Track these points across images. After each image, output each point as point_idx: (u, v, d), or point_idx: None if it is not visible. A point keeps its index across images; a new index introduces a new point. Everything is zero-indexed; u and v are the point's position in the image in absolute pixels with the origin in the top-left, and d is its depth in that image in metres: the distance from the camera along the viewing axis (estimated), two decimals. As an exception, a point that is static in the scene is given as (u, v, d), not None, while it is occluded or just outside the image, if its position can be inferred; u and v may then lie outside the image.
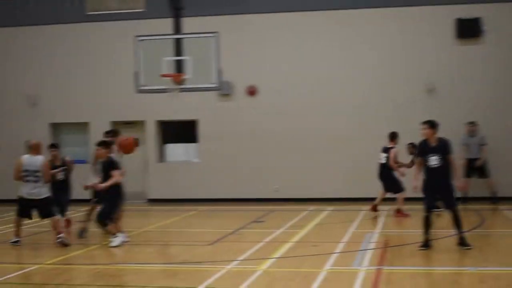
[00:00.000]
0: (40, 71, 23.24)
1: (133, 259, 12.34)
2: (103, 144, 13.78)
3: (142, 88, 17.35)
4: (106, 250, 13.28)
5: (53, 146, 15.75)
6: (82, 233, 14.72)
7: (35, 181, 13.58)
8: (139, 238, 14.60)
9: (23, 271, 11.23)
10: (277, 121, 21.86)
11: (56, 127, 23.54)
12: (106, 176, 13.48)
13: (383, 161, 17.51)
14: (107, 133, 15.42)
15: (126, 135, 15.38)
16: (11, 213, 15.86)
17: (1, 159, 21.95)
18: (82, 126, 23.20)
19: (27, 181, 13.57)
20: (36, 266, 11.48)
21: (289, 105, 21.81)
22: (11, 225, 14.52)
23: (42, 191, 13.70)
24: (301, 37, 21.89)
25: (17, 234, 13.84)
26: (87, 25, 22.92)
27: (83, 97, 22.91)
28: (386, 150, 17.52)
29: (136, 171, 21.32)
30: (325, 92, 21.73)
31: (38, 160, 13.68)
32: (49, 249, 13.36)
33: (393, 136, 17.54)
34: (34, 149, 13.82)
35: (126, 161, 15.31)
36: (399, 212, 17.19)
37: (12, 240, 13.75)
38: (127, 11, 22.65)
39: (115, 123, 22.53)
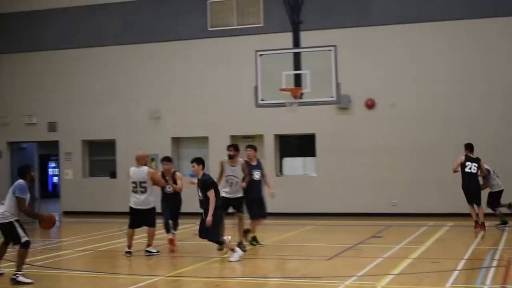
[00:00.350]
0: (162, 86, 23.93)
1: (252, 273, 12.43)
2: (196, 161, 13.71)
3: (261, 102, 17.47)
4: (225, 263, 13.46)
5: (166, 159, 15.53)
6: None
7: (142, 192, 13.98)
8: (257, 252, 14.71)
9: (144, 283, 11.49)
10: (395, 134, 21.61)
11: (177, 141, 24.13)
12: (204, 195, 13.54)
13: (474, 171, 17.32)
14: (230, 147, 15.40)
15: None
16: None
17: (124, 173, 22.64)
18: (202, 140, 23.67)
19: (135, 192, 14.00)
20: (156, 278, 11.74)
21: (407, 118, 21.53)
22: (144, 235, 14.82)
23: (148, 201, 14.09)
24: (419, 49, 21.62)
25: (129, 245, 14.25)
26: (208, 41, 23.44)
27: (203, 112, 23.40)
28: (475, 160, 17.36)
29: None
30: (443, 104, 21.33)
31: (143, 171, 14.09)
32: (168, 261, 13.66)
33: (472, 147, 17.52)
34: (139, 160, 14.24)
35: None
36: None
37: (126, 251, 14.21)
38: (247, 26, 23.03)
39: (234, 137, 22.89)
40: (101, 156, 25.27)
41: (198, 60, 23.61)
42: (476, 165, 17.45)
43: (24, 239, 11.67)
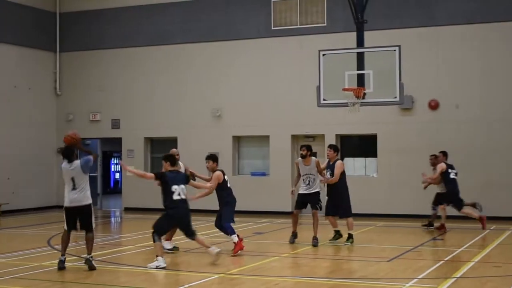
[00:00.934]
0: (224, 84, 24.09)
1: (312, 273, 12.43)
2: (211, 158, 14.81)
3: (323, 102, 17.44)
4: (284, 262, 13.50)
5: (209, 157, 15.15)
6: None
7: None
8: (317, 252, 14.70)
9: (203, 280, 11.56)
10: (459, 136, 21.33)
11: (238, 140, 24.25)
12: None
13: (456, 176, 18.08)
14: (302, 147, 15.69)
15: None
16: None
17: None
18: (263, 139, 23.74)
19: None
20: (216, 276, 11.82)
21: (471, 120, 21.25)
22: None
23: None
24: (484, 50, 21.36)
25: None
26: (272, 40, 23.50)
27: (264, 111, 23.48)
28: (453, 166, 18.03)
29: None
30: (509, 106, 20.96)
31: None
32: (229, 258, 13.73)
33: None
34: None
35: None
36: None
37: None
38: (310, 26, 23.02)
39: (295, 136, 22.91)
40: (162, 154, 25.42)
41: (261, 59, 23.70)
42: (455, 171, 17.96)
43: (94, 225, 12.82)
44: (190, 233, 13.00)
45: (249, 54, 23.91)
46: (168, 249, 14.37)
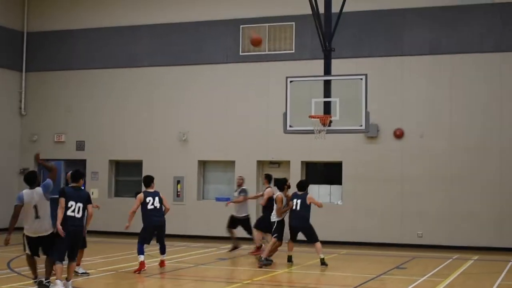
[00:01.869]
0: (191, 109, 24.06)
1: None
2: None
3: (290, 128, 17.49)
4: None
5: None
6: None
7: None
8: (279, 279, 14.64)
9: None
10: (423, 165, 21.51)
11: (204, 164, 24.18)
12: None
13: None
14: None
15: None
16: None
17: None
18: (229, 164, 23.71)
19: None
20: (238, 284, 11.69)
21: (435, 150, 21.45)
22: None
23: None
24: (449, 80, 21.62)
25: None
26: (240, 66, 23.56)
27: (230, 136, 23.47)
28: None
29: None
30: (473, 136, 21.24)
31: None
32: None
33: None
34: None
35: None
36: None
37: None
38: (278, 52, 23.14)
39: (261, 162, 22.92)
40: (127, 177, 25.41)
41: (228, 84, 23.74)
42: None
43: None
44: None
45: (217, 78, 23.92)
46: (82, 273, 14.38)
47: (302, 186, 17.14)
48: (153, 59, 24.83)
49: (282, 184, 17.09)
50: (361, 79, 17.10)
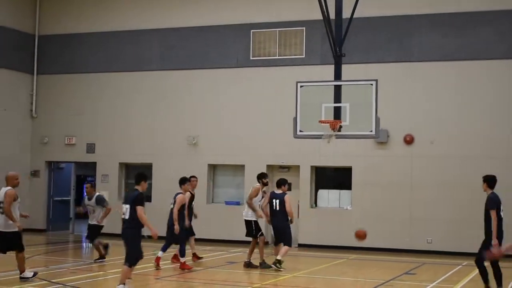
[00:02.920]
0: (201, 112, 24.08)
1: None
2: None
3: (300, 133, 17.51)
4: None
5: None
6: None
7: None
8: (288, 283, 14.64)
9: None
10: (433, 171, 21.47)
11: (213, 168, 24.21)
12: None
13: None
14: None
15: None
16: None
17: (159, 198, 22.76)
18: (238, 168, 23.73)
19: None
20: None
21: (445, 156, 21.40)
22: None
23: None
24: (459, 87, 21.57)
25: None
26: (250, 70, 23.60)
27: (240, 140, 23.50)
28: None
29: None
30: (482, 142, 21.17)
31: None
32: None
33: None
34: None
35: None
36: None
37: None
38: (288, 57, 23.16)
39: (271, 166, 22.94)
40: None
41: (238, 88, 23.76)
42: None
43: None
44: None
45: (227, 83, 23.96)
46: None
47: (279, 184, 16.80)
48: (163, 63, 24.88)
49: (261, 177, 17.22)
50: (371, 84, 17.12)
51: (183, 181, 16.76)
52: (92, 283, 14.39)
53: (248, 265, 16.51)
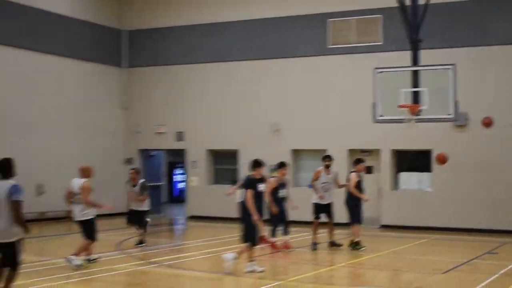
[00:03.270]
0: (283, 100, 24.16)
1: (368, 282, 12.36)
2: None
3: (379, 118, 17.41)
4: (341, 271, 13.48)
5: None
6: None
7: None
8: (372, 262, 14.62)
9: (266, 286, 11.59)
10: (510, 153, 20.99)
11: (296, 153, 24.26)
12: None
13: None
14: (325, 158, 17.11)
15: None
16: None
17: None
18: (321, 153, 23.70)
19: None
20: (278, 282, 11.81)
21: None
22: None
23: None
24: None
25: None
26: (328, 58, 23.51)
27: (321, 125, 23.48)
28: None
29: (370, 197, 21.27)
30: None
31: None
32: (289, 266, 13.72)
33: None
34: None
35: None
36: None
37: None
38: (366, 44, 22.96)
39: (351, 151, 22.86)
40: (224, 165, 25.73)
41: (318, 76, 23.72)
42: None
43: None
44: None
45: (306, 71, 23.93)
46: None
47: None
48: (244, 53, 25.03)
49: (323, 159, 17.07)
50: (449, 68, 16.88)
51: (281, 165, 16.64)
52: (185, 262, 14.68)
53: (333, 244, 16.52)
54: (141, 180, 17.12)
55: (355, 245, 16.05)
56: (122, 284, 11.53)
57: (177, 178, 33.61)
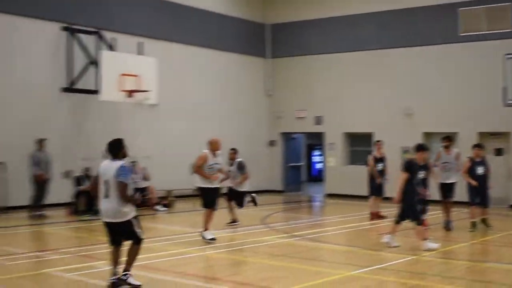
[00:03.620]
0: (415, 86, 23.82)
1: (502, 258, 12.05)
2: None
3: (509, 102, 16.86)
4: (472, 248, 13.25)
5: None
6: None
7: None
8: (503, 240, 14.23)
9: (405, 259, 11.62)
10: None
11: (427, 136, 23.84)
12: None
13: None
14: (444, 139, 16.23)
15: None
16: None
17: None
18: (452, 136, 23.17)
19: None
20: (410, 257, 11.81)
21: None
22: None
23: None
24: None
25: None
26: (459, 46, 22.89)
27: (452, 109, 22.97)
28: None
29: (499, 178, 20.64)
30: None
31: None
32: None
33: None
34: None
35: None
36: None
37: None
38: (496, 31, 22.17)
39: (481, 133, 22.22)
40: (359, 147, 25.69)
41: (450, 62, 23.16)
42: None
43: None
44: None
45: (438, 58, 23.42)
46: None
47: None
48: (381, 42, 24.78)
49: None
50: None
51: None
52: (325, 236, 14.88)
53: (447, 224, 15.84)
54: (238, 160, 16.34)
55: (473, 226, 15.40)
56: (268, 254, 11.90)
57: (315, 159, 33.89)
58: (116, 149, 9.07)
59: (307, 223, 17.60)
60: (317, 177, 32.08)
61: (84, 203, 18.24)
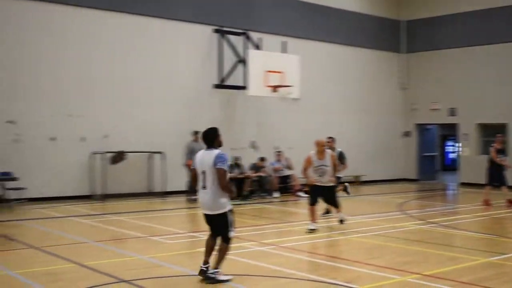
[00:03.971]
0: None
1: None
2: None
3: None
4: None
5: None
6: None
7: None
8: None
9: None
10: None
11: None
12: None
13: None
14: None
15: None
16: None
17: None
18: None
19: None
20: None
21: None
22: None
23: None
24: None
25: None
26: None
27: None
28: None
29: None
30: None
31: None
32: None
33: None
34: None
35: None
36: None
37: None
38: None
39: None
40: (492, 137, 24.46)
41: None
42: None
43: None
44: None
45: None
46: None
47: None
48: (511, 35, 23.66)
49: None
50: None
51: None
52: (460, 223, 14.37)
53: None
54: (339, 150, 15.28)
55: None
56: (403, 240, 11.68)
57: (448, 149, 32.79)
58: (211, 137, 8.27)
59: (442, 210, 17.05)
60: (450, 166, 31.03)
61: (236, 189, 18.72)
